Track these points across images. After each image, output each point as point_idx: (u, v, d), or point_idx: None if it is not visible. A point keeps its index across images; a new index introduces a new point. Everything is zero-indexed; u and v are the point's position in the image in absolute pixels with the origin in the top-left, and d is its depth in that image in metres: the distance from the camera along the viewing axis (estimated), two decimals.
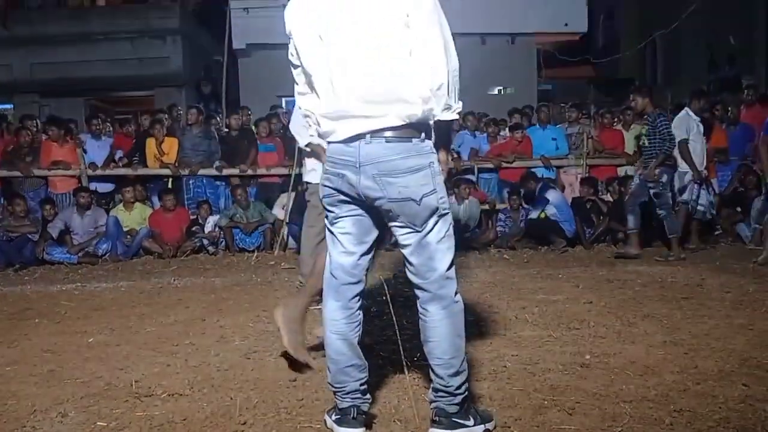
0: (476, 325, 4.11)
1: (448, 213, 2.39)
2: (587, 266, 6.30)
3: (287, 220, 7.46)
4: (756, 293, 4.82)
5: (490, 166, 8.27)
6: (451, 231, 2.41)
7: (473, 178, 8.25)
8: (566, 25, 13.61)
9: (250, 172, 7.95)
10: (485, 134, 8.60)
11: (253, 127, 8.45)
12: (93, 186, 8.05)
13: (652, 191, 6.48)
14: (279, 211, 7.66)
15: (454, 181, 7.99)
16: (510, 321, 4.21)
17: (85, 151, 8.02)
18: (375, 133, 2.31)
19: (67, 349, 3.84)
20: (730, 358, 3.28)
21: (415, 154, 2.31)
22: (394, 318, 4.24)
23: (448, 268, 2.38)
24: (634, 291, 5.05)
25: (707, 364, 3.21)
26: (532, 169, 8.10)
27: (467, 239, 7.50)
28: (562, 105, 9.98)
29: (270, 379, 3.17)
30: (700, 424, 2.48)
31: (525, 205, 7.68)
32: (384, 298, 4.90)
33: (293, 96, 2.62)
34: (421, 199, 2.31)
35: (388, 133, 2.31)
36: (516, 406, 2.73)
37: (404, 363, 3.33)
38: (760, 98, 8.76)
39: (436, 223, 2.35)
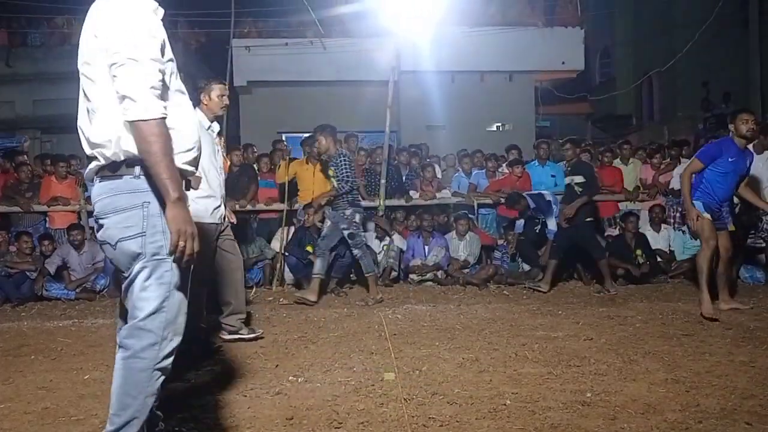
0: (476, 362, 4.08)
1: (164, 260, 2.16)
2: (587, 302, 6.27)
3: (284, 253, 7.45)
4: (757, 330, 4.79)
5: (489, 201, 8.29)
6: (168, 279, 2.17)
7: (472, 214, 8.26)
8: (563, 63, 13.81)
9: (249, 207, 7.96)
10: (483, 170, 8.65)
11: (255, 164, 8.50)
12: (92, 222, 8.06)
13: (345, 232, 6.25)
14: (277, 245, 7.67)
15: (454, 217, 8.01)
16: (510, 358, 4.17)
17: (85, 188, 8.04)
18: (97, 172, 2.24)
19: (62, 386, 3.79)
20: (732, 396, 3.25)
21: (126, 192, 2.17)
22: (392, 354, 4.22)
23: (145, 319, 2.15)
24: (635, 328, 5.02)
25: (709, 402, 3.17)
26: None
27: (467, 275, 7.49)
28: (560, 141, 10.05)
29: (266, 417, 3.13)
30: None
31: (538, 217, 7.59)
32: (383, 334, 4.88)
33: (293, 132, 2.65)
34: (117, 243, 2.17)
35: (102, 172, 2.21)
36: None
37: (402, 399, 3.30)
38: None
39: (142, 269, 2.16)
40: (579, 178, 6.78)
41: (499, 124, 13.85)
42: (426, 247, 7.71)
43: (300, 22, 12.92)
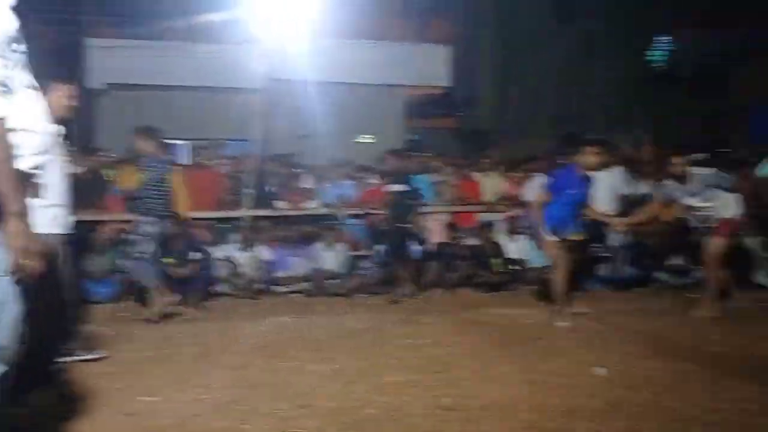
0: (342, 372, 4.07)
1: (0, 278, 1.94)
2: (450, 310, 6.45)
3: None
4: (602, 333, 5.15)
5: (358, 212, 8.34)
6: (2, 300, 1.92)
7: (341, 225, 8.28)
8: (432, 78, 14.30)
9: (101, 217, 7.45)
10: (353, 181, 8.70)
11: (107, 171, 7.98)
12: None
13: (131, 236, 6.08)
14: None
15: (322, 227, 7.99)
16: (375, 367, 4.20)
17: None
18: None
19: None
20: (579, 395, 3.46)
21: None
22: (256, 368, 4.10)
23: None
24: (494, 333, 5.24)
25: (558, 401, 3.36)
26: None
27: (334, 286, 7.48)
28: (427, 155, 10.34)
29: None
30: None
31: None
32: (246, 348, 4.75)
33: None
34: None
35: None
36: None
37: (265, 415, 3.21)
38: None
39: None
40: (400, 187, 7.16)
41: (368, 136, 14.06)
42: (293, 258, 7.63)
43: (165, 24, 12.43)
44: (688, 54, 17.52)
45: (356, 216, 8.39)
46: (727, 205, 5.65)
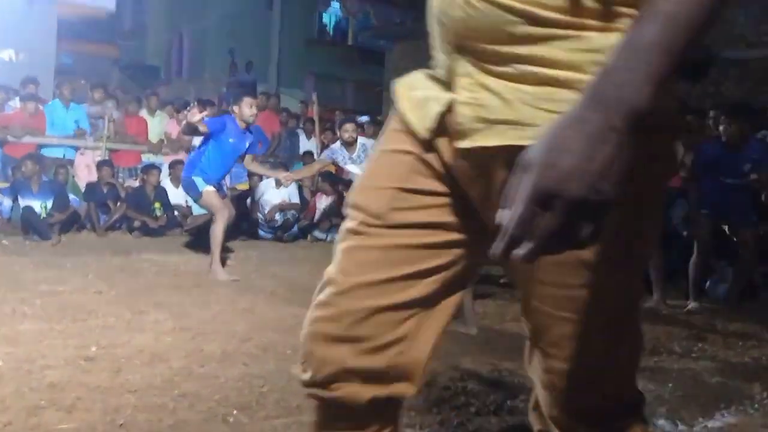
0: None
1: None
2: (99, 254, 6.02)
3: None
4: (257, 280, 5.32)
5: None
6: None
7: None
8: None
9: None
10: None
11: None
12: None
13: None
14: None
15: None
16: (5, 315, 3.71)
17: None
18: None
19: None
20: (233, 340, 3.52)
21: None
22: None
23: None
24: (147, 279, 5.04)
25: (212, 347, 3.38)
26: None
27: None
28: (84, 82, 9.40)
29: None
30: (202, 405, 2.59)
31: None
32: None
33: None
34: None
35: None
36: (7, 410, 2.41)
37: None
38: (271, 105, 9.84)
39: None
40: None
41: (14, 51, 12.13)
42: None
43: None
44: (353, 24, 18.96)
45: None
46: None
